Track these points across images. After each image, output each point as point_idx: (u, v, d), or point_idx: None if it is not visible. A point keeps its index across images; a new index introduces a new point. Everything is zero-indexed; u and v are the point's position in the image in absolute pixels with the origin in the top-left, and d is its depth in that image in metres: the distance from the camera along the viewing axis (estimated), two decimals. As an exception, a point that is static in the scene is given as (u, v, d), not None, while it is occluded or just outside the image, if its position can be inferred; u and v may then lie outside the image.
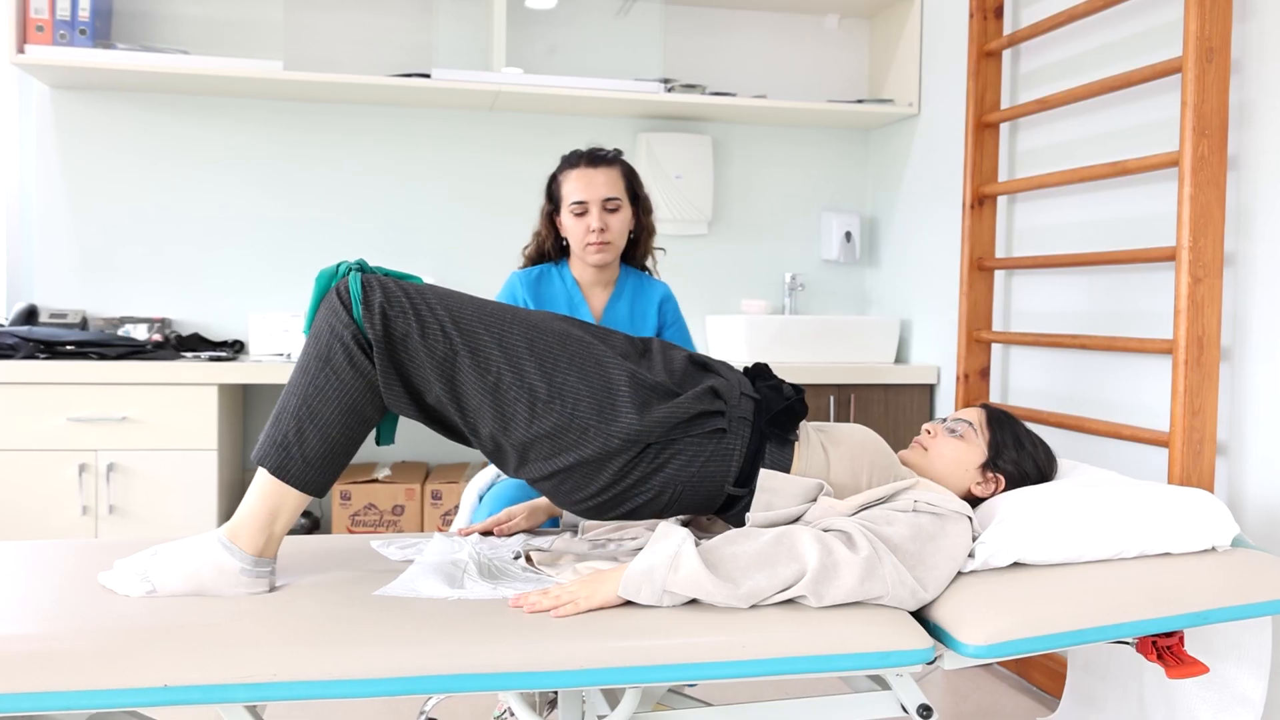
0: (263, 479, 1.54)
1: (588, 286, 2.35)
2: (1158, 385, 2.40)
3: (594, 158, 2.28)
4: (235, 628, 1.36)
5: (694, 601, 1.48)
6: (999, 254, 2.97)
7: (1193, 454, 2.18)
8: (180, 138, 3.26)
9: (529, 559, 1.71)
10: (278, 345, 3.24)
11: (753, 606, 1.47)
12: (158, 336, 3.13)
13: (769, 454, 1.66)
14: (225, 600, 1.48)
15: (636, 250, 2.38)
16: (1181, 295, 2.16)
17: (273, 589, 1.55)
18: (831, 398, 3.19)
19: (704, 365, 1.73)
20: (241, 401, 3.24)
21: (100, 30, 3.01)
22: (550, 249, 2.37)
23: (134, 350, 2.86)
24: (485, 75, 3.11)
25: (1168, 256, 2.24)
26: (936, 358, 3.29)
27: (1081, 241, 2.66)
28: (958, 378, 2.94)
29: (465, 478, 3.17)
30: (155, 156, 3.25)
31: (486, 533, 1.91)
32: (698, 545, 1.49)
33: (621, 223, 2.28)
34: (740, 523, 1.70)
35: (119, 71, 2.95)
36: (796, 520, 1.61)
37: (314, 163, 3.35)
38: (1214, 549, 1.66)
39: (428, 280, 3.44)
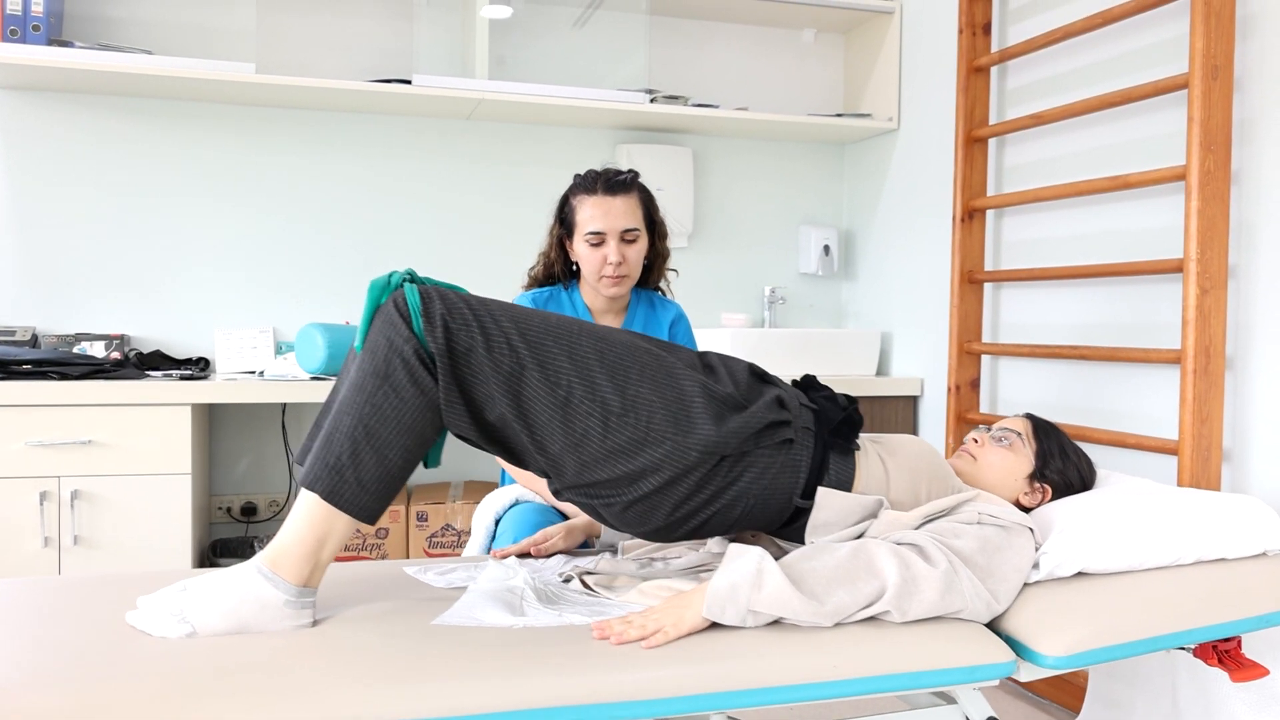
0: (310, 504, 1.44)
1: (599, 313, 2.27)
2: (1157, 394, 2.44)
3: (611, 183, 2.17)
4: (302, 667, 1.27)
5: (775, 621, 1.43)
6: (986, 267, 3.00)
7: (1201, 461, 2.22)
8: (141, 144, 3.10)
9: (583, 582, 1.65)
10: (246, 363, 3.10)
11: (835, 624, 1.43)
12: (116, 354, 2.96)
13: (832, 464, 1.63)
14: (272, 636, 1.38)
15: (651, 275, 2.31)
16: (1190, 306, 2.21)
17: (315, 622, 1.45)
18: (817, 411, 3.18)
19: (763, 377, 1.69)
20: (207, 422, 3.08)
21: (54, 29, 2.84)
22: (559, 272, 2.29)
23: (97, 369, 2.69)
24: (468, 83, 3.03)
25: (1173, 268, 2.28)
26: (919, 369, 3.31)
27: (1072, 254, 2.70)
28: (949, 389, 2.96)
29: (450, 498, 3.07)
30: (113, 163, 3.08)
31: (524, 554, 1.84)
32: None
33: (639, 253, 2.20)
34: (799, 538, 1.66)
35: (76, 71, 2.78)
36: (860, 536, 1.58)
37: (283, 171, 3.22)
38: (1265, 553, 1.68)
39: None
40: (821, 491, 1.60)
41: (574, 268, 2.29)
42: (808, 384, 1.75)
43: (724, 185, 3.64)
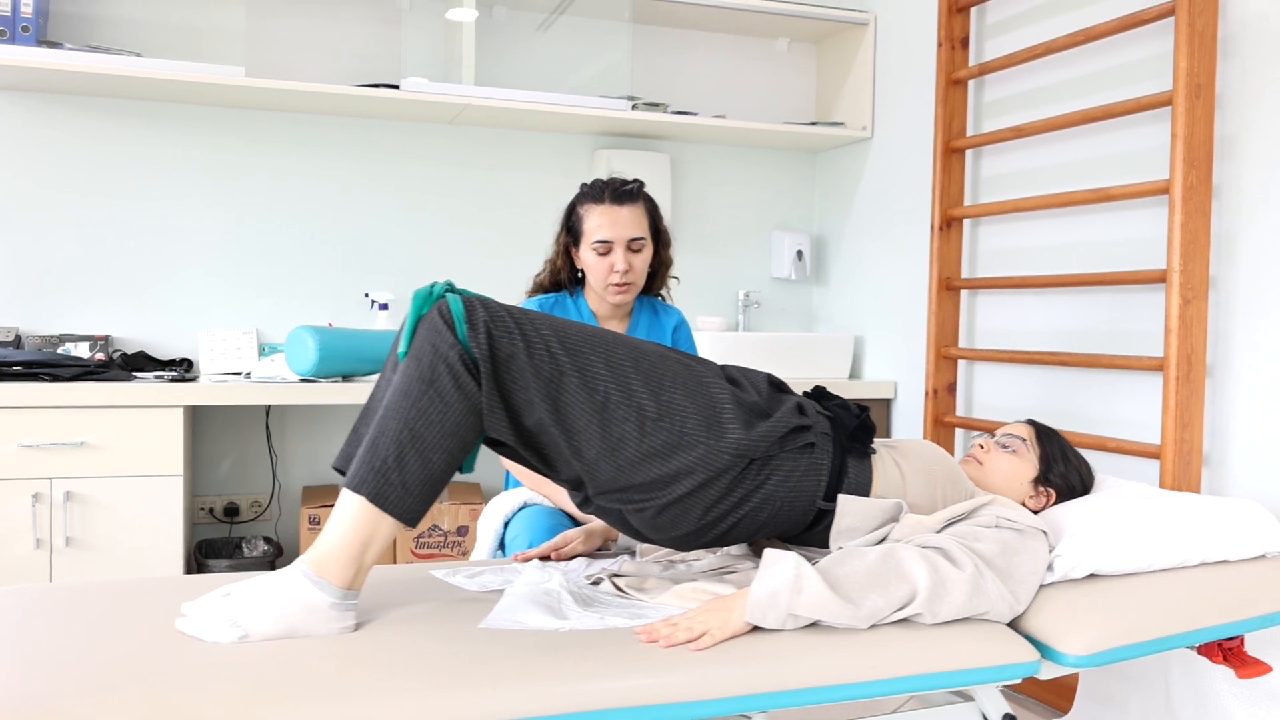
0: (354, 506, 1.46)
1: (604, 319, 2.31)
2: (1134, 399, 2.54)
3: (619, 193, 2.21)
4: (365, 670, 1.29)
5: (812, 623, 1.48)
6: (962, 274, 3.09)
7: (1183, 464, 2.32)
8: (127, 144, 3.05)
9: (615, 584, 1.68)
10: (229, 364, 3.08)
11: (871, 626, 1.49)
12: (100, 355, 2.92)
13: (851, 469, 1.68)
14: (324, 640, 1.39)
15: (654, 282, 2.36)
16: (1173, 315, 2.30)
17: (357, 625, 1.47)
18: (800, 413, 3.24)
19: (780, 387, 1.74)
20: (190, 423, 3.05)
21: (42, 30, 2.79)
22: (565, 279, 2.32)
23: (88, 371, 2.65)
24: (456, 88, 3.04)
25: (1156, 279, 2.38)
26: (892, 373, 3.40)
27: (1049, 263, 2.80)
28: (926, 393, 3.04)
29: (440, 499, 3.08)
30: (99, 164, 3.03)
31: (544, 557, 1.87)
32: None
33: (644, 262, 2.24)
34: (819, 543, 1.71)
35: (65, 73, 2.74)
36: (884, 540, 1.64)
37: (268, 173, 3.19)
38: (1264, 555, 1.77)
39: (391, 298, 3.33)
40: (842, 498, 1.65)
41: (579, 274, 2.32)
42: (819, 394, 1.80)
43: (700, 190, 3.69)
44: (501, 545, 2.17)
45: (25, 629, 1.40)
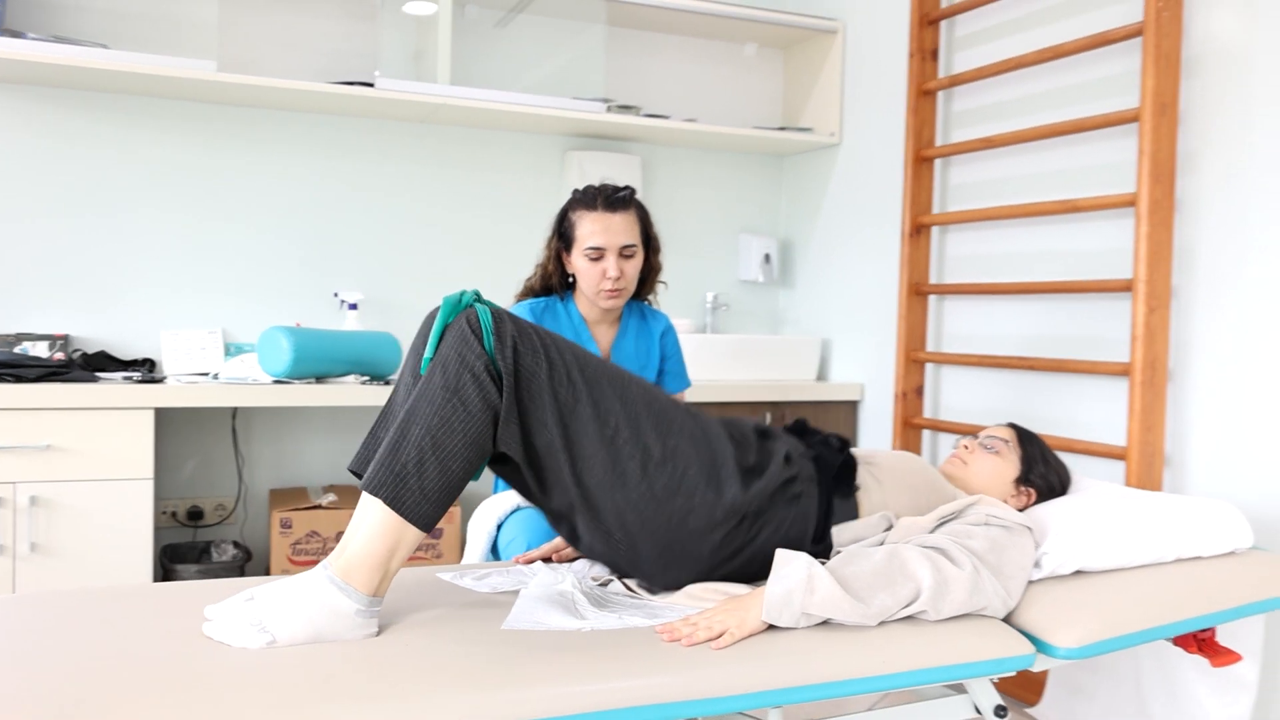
0: (378, 513, 1.46)
1: (594, 323, 2.34)
2: (1096, 403, 2.64)
3: (611, 200, 2.23)
4: (400, 674, 1.30)
5: (823, 622, 1.53)
6: (930, 280, 3.17)
7: (1146, 465, 2.42)
8: (90, 138, 2.98)
9: (625, 585, 1.71)
10: (194, 364, 3.03)
11: (879, 624, 1.54)
12: (60, 355, 2.85)
13: (837, 508, 1.73)
14: (353, 645, 1.40)
15: (643, 288, 2.39)
16: (1138, 323, 2.40)
17: (379, 629, 1.48)
18: (768, 414, 3.30)
19: (765, 434, 1.78)
20: (154, 425, 3.00)
21: (2, 17, 2.72)
22: (556, 284, 2.34)
23: (53, 371, 2.60)
24: (430, 87, 3.03)
25: (1122, 288, 2.48)
26: (859, 375, 3.47)
27: (1015, 271, 2.89)
28: (895, 395, 3.12)
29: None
30: (61, 157, 2.96)
31: (546, 559, 1.89)
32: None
33: (636, 268, 2.27)
34: None
35: (27, 63, 2.67)
36: (882, 544, 1.69)
37: (235, 171, 3.15)
38: (1234, 552, 1.86)
39: (360, 298, 3.31)
40: (835, 530, 1.70)
41: (570, 279, 2.34)
42: (800, 429, 1.85)
43: (669, 193, 3.73)
44: (494, 548, 2.18)
45: (32, 635, 1.38)
